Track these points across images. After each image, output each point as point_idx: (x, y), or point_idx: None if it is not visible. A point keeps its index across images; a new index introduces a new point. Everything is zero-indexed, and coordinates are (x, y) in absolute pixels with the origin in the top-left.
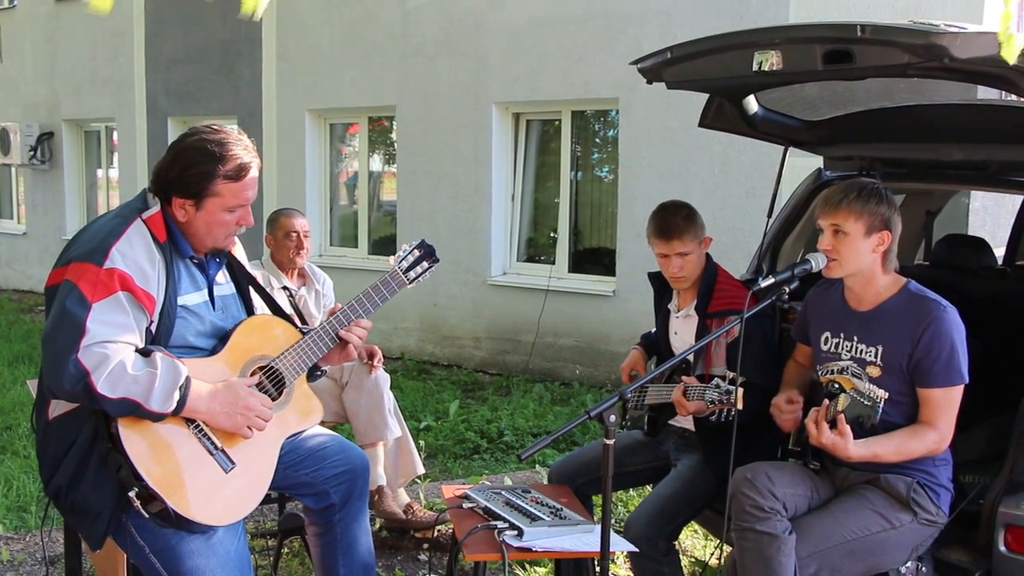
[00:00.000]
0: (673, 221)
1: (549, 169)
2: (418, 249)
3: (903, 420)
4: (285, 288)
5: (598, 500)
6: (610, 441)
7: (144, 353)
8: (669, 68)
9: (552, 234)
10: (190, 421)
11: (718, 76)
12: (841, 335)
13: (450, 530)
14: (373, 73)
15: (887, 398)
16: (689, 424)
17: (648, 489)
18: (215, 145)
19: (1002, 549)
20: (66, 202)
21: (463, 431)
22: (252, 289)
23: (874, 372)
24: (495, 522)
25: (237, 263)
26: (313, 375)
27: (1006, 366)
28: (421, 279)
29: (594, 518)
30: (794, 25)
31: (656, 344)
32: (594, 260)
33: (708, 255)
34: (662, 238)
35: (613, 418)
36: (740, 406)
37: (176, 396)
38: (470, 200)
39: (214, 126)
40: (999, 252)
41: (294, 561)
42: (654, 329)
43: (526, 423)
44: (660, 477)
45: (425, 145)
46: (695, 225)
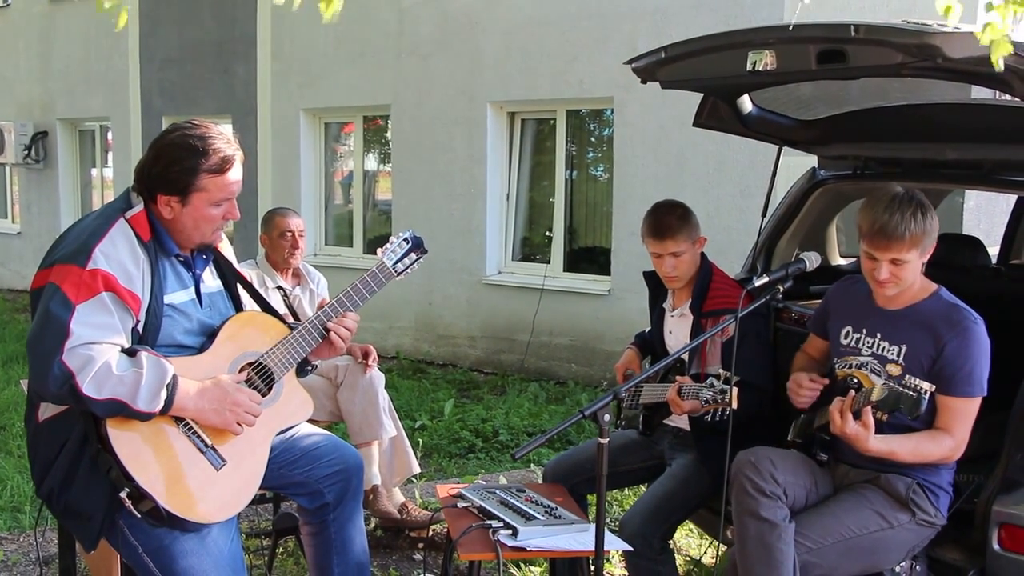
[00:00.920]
0: (667, 221)
1: (544, 168)
2: (406, 241)
3: (919, 423)
4: (280, 288)
5: (593, 499)
6: (604, 440)
7: (130, 353)
8: (663, 68)
9: (547, 233)
10: (179, 420)
11: (712, 76)
12: (864, 331)
13: (445, 529)
14: (368, 72)
15: (931, 391)
16: (684, 423)
17: (643, 488)
18: (197, 140)
19: (996, 548)
20: (60, 201)
21: (458, 430)
22: (240, 286)
23: (894, 370)
24: (490, 521)
25: (224, 260)
26: (303, 371)
27: (1000, 365)
28: (410, 271)
29: (589, 517)
30: (788, 25)
31: (651, 343)
32: (589, 259)
33: (703, 254)
34: (656, 238)
35: (607, 417)
36: (735, 405)
37: (163, 395)
38: (465, 199)
39: (194, 121)
40: (993, 251)
41: (288, 561)
42: (649, 328)
43: (521, 422)
44: (655, 476)
45: (420, 144)
46: (689, 225)
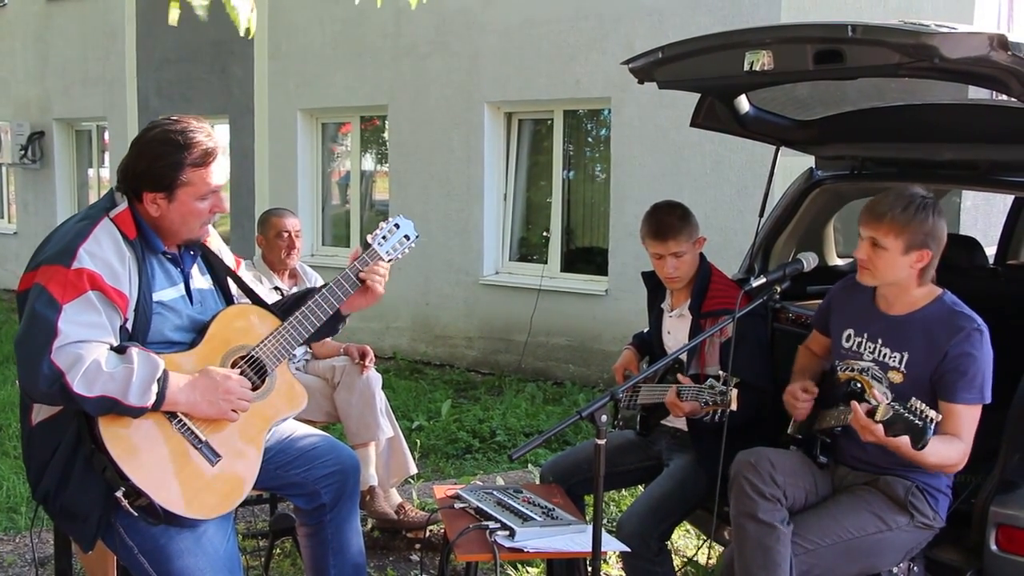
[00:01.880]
0: (668, 221)
1: (541, 168)
2: (396, 226)
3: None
4: (276, 288)
5: (590, 500)
6: (602, 441)
7: (119, 350)
8: (660, 68)
9: (544, 233)
10: (172, 416)
11: (709, 76)
12: (865, 335)
13: (442, 530)
14: (365, 72)
15: (936, 420)
16: (681, 424)
17: (640, 489)
18: (178, 135)
19: (993, 548)
20: (57, 201)
21: (455, 431)
22: (230, 279)
23: (896, 378)
24: (487, 522)
25: (213, 255)
26: (334, 327)
27: (997, 366)
28: (399, 255)
29: (586, 518)
30: (785, 25)
31: (649, 344)
32: (586, 259)
33: (702, 255)
34: (657, 239)
35: (604, 418)
36: (735, 407)
37: (154, 389)
38: (462, 199)
39: (173, 117)
40: (990, 251)
41: (285, 562)
42: (647, 329)
43: (518, 423)
44: (652, 477)
45: (417, 144)
46: (689, 225)
